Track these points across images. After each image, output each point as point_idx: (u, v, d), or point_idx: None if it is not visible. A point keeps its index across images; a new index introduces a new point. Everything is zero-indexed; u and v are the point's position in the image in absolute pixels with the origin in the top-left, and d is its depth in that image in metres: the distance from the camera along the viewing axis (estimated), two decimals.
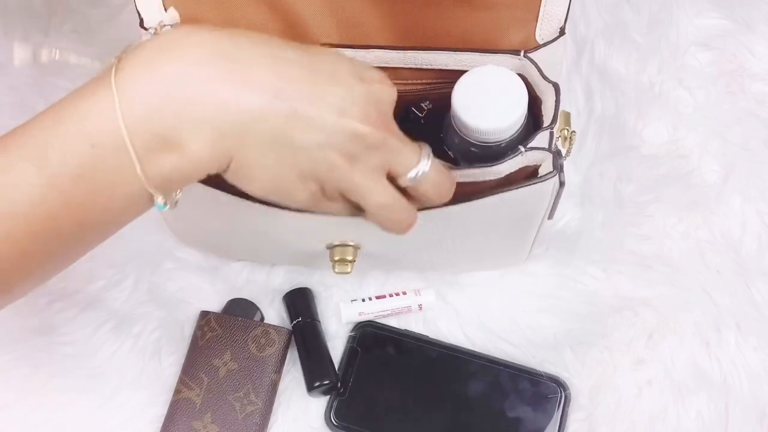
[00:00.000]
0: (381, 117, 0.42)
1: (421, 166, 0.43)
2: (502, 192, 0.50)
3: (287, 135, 0.40)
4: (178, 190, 0.42)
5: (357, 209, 0.45)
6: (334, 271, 0.58)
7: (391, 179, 0.44)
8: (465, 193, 0.51)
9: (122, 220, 0.42)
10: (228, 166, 0.41)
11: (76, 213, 0.39)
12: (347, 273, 0.57)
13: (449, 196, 0.47)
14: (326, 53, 0.43)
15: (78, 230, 0.41)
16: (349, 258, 0.57)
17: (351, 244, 0.57)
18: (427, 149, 0.45)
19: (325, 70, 0.41)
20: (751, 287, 0.65)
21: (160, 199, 0.41)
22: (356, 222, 0.47)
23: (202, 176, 0.41)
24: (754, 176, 0.70)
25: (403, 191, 0.45)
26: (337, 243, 0.57)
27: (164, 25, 0.46)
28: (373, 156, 0.42)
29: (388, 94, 0.44)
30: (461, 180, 0.50)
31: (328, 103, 0.40)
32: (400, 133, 0.44)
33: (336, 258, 0.58)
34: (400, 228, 0.46)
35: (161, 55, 0.39)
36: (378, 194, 0.43)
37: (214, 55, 0.39)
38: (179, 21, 0.47)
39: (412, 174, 0.43)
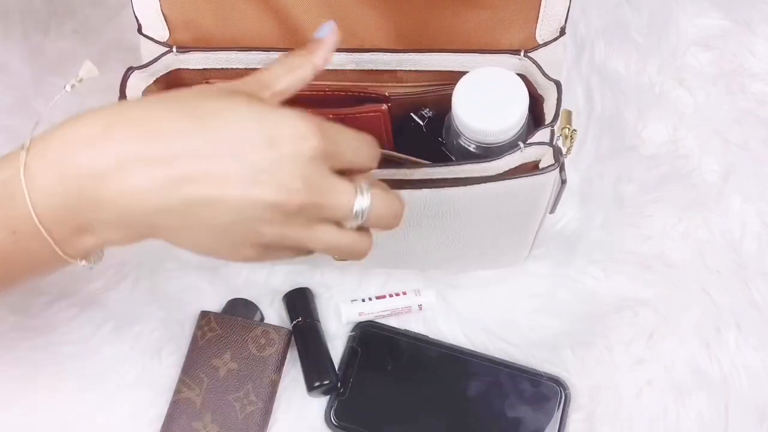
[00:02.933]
0: (298, 179, 0.38)
1: (358, 205, 0.40)
2: (502, 180, 0.50)
3: (194, 219, 0.38)
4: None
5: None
6: (335, 259, 0.57)
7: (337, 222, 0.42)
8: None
9: (45, 278, 0.44)
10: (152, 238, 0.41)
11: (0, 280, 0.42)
12: (346, 260, 0.57)
13: (398, 221, 0.44)
14: (228, 119, 0.39)
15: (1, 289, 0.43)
16: None
17: None
18: (361, 185, 0.41)
19: (227, 143, 0.38)
20: (751, 287, 0.65)
21: (83, 263, 0.42)
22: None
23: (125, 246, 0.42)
24: (754, 176, 0.70)
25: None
26: None
27: (80, 79, 0.45)
28: (298, 218, 0.39)
29: (306, 150, 0.39)
30: (460, 176, 0.50)
31: (230, 182, 0.38)
32: (329, 178, 0.40)
33: None
34: (356, 258, 0.44)
35: (61, 150, 0.38)
36: (319, 241, 0.41)
37: (110, 146, 0.38)
38: (97, 73, 0.46)
39: (353, 219, 0.41)
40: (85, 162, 0.38)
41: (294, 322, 0.64)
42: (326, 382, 0.61)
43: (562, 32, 0.53)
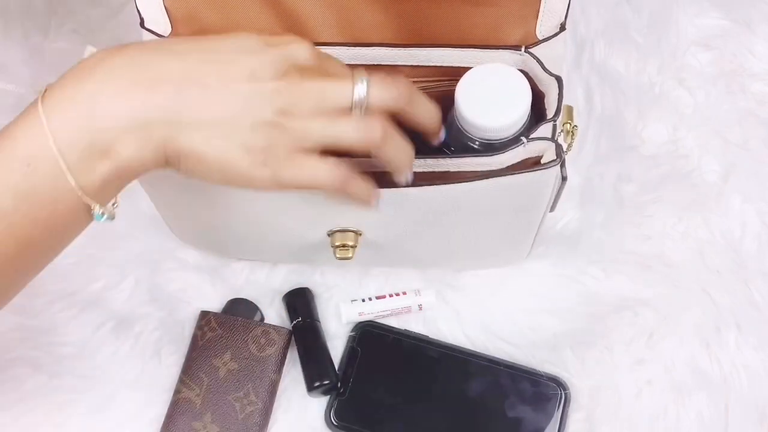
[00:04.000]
0: (298, 70, 0.43)
1: (358, 91, 0.44)
2: (504, 175, 0.50)
3: (206, 115, 0.42)
4: (116, 204, 0.45)
5: (325, 178, 0.45)
6: (336, 257, 0.57)
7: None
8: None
9: (64, 238, 0.44)
10: (168, 161, 0.43)
11: (18, 233, 0.41)
12: (349, 258, 0.57)
13: (409, 99, 0.46)
14: (231, 35, 0.44)
15: (21, 251, 0.42)
16: (350, 243, 0.57)
17: (352, 229, 0.57)
18: (360, 75, 0.44)
19: (230, 48, 0.43)
20: (751, 287, 0.65)
21: (97, 209, 0.43)
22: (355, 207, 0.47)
23: (140, 174, 0.43)
24: (754, 176, 0.70)
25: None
26: (337, 229, 0.57)
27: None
28: (303, 103, 0.43)
29: (303, 49, 0.44)
30: (463, 169, 0.50)
31: (235, 75, 0.42)
32: (326, 73, 0.45)
33: (337, 243, 0.57)
34: (376, 143, 0.44)
35: (81, 79, 0.42)
36: (333, 126, 0.44)
37: (124, 67, 0.42)
38: None
39: (355, 102, 0.44)
40: (98, 86, 0.41)
41: (294, 322, 0.64)
42: (326, 382, 0.61)
43: (563, 28, 0.53)
